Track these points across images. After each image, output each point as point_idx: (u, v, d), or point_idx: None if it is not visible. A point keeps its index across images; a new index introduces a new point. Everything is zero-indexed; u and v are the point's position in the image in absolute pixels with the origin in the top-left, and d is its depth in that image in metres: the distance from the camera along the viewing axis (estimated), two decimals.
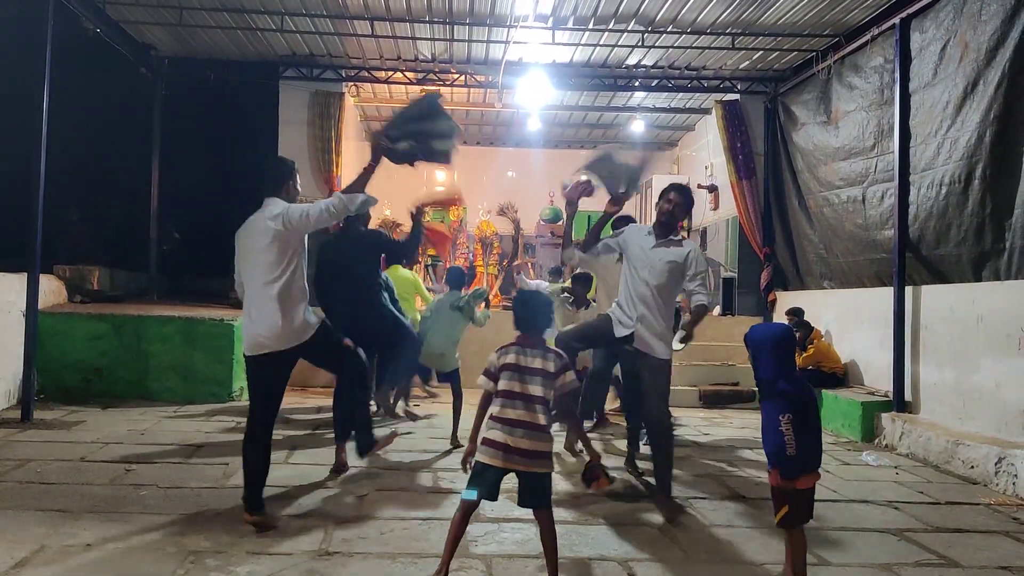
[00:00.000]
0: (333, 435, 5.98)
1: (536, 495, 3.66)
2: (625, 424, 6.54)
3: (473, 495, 3.62)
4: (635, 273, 5.28)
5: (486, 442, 3.62)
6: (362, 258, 6.51)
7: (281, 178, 4.94)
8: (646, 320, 5.18)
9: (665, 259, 5.22)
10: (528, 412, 3.61)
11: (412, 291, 8.73)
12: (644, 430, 6.05)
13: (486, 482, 3.62)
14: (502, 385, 3.67)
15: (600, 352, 6.53)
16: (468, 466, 3.74)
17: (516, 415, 3.60)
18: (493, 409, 3.67)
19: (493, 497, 3.65)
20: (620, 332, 5.27)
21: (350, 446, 5.70)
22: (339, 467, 5.74)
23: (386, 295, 6.82)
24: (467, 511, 3.67)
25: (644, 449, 6.12)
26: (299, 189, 5.04)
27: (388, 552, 4.13)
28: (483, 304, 8.12)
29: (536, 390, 3.64)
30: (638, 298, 5.21)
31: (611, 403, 8.16)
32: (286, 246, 4.71)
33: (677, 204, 5.32)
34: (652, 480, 5.46)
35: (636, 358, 5.27)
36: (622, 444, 6.66)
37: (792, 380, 3.61)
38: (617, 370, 6.67)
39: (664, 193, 5.42)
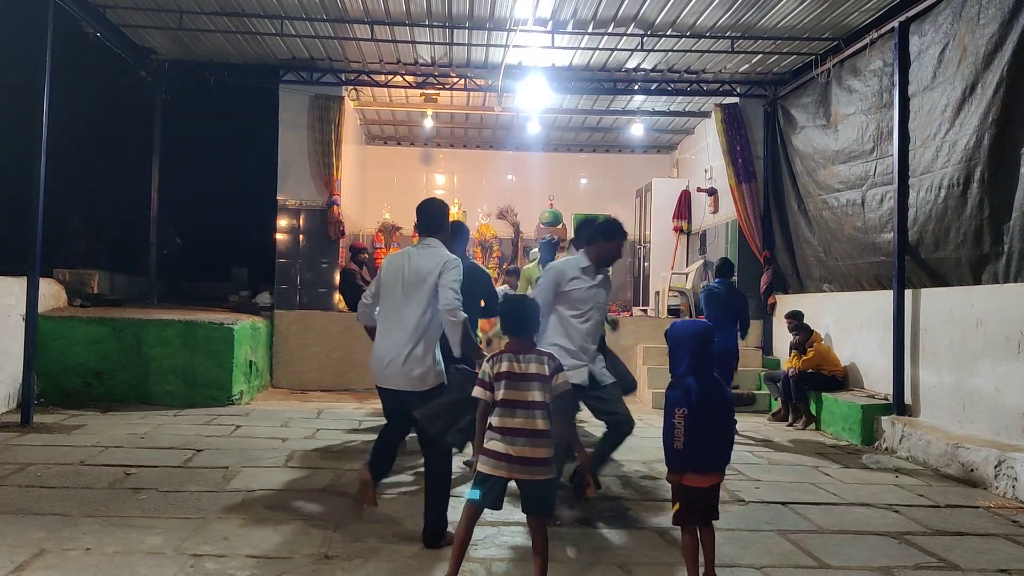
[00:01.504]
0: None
1: (540, 502, 3.63)
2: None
3: (476, 496, 3.61)
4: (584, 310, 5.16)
5: (487, 452, 3.58)
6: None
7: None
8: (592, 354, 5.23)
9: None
10: (528, 419, 3.57)
11: None
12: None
13: (490, 491, 3.60)
14: (500, 394, 3.63)
15: None
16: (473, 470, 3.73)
17: (516, 424, 3.57)
18: (493, 419, 3.63)
19: (497, 506, 3.63)
20: (580, 379, 5.02)
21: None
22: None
23: None
24: (472, 515, 3.65)
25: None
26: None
27: (387, 555, 4.12)
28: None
29: (535, 396, 3.61)
30: (590, 336, 5.16)
31: None
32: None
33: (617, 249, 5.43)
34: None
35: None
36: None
37: (703, 379, 3.62)
38: None
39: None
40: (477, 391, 3.66)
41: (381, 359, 4.48)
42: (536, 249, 9.94)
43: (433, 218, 4.84)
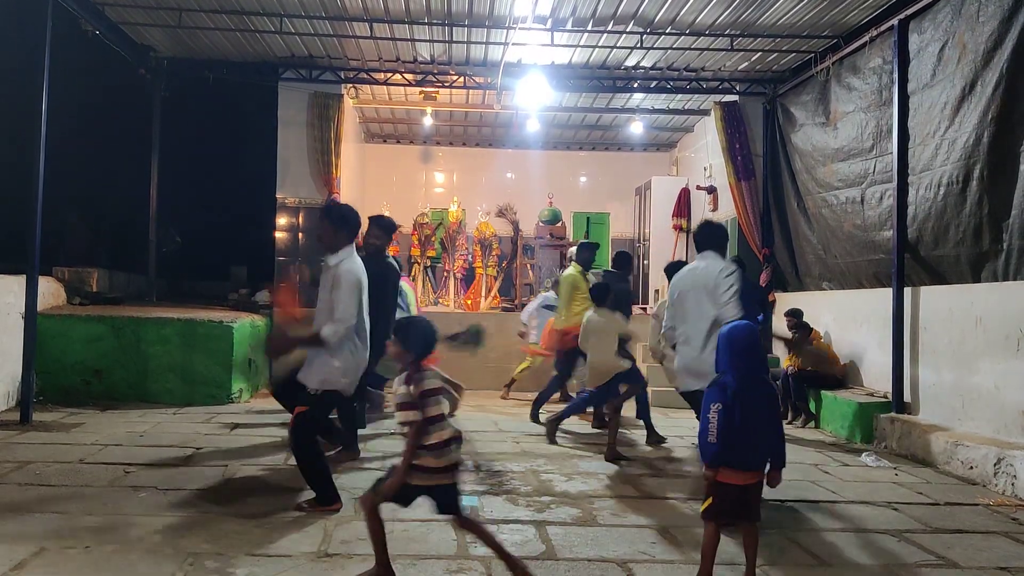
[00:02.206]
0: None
1: (456, 504, 3.75)
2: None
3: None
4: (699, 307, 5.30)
5: (418, 468, 3.63)
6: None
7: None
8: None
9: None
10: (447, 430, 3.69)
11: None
12: None
13: (403, 496, 3.70)
14: (432, 411, 3.63)
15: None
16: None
17: (443, 436, 3.65)
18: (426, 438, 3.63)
19: (405, 505, 3.74)
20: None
21: None
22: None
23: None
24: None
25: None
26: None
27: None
28: None
29: (446, 408, 3.75)
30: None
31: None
32: None
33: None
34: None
35: None
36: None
37: (743, 377, 3.64)
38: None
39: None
40: (409, 415, 3.62)
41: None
42: (573, 249, 9.93)
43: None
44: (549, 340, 9.70)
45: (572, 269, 8.52)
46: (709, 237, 5.55)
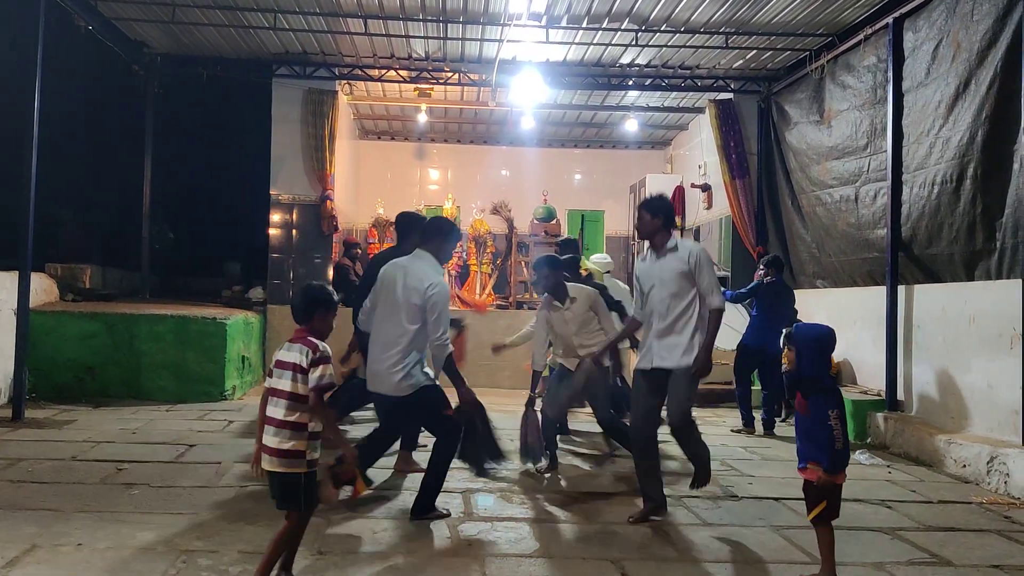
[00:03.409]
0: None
1: (286, 498, 3.51)
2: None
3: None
4: (648, 295, 5.11)
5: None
6: None
7: (434, 236, 5.14)
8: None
9: (669, 268, 5.02)
10: (274, 409, 3.47)
11: None
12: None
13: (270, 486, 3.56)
14: (268, 383, 3.54)
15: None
16: (255, 471, 3.55)
17: (270, 413, 3.48)
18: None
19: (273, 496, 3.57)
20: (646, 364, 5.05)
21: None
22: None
23: None
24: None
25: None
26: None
27: (381, 552, 4.12)
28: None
29: (284, 385, 3.48)
30: (656, 316, 5.04)
31: None
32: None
33: (642, 219, 5.21)
34: None
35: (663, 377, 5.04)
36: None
37: (830, 378, 3.86)
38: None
39: (638, 211, 5.34)
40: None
41: (370, 365, 4.89)
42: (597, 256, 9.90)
43: (416, 227, 5.35)
44: None
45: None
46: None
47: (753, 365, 8.45)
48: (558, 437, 6.75)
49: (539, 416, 6.27)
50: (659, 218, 5.13)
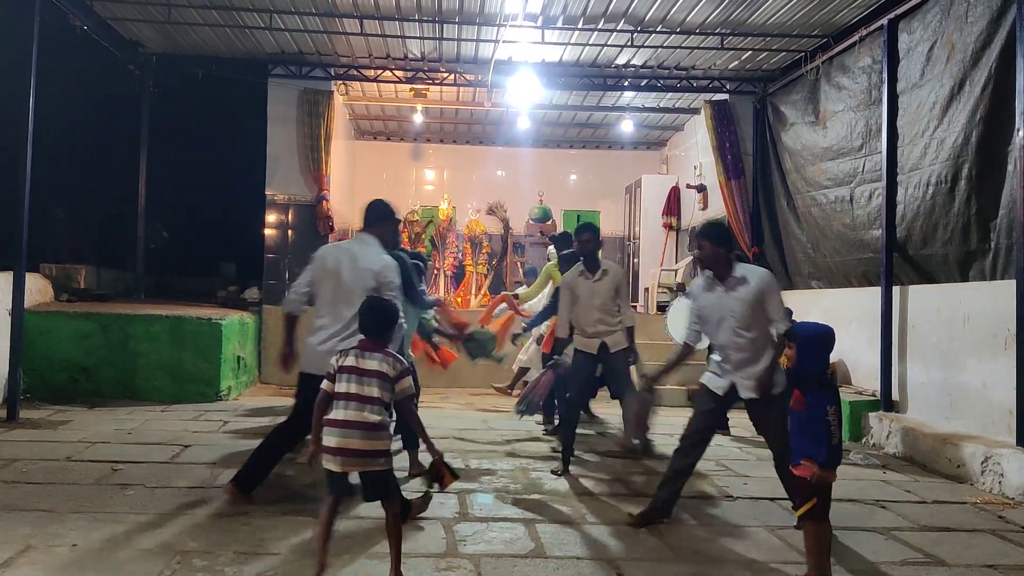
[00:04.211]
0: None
1: (377, 491, 3.73)
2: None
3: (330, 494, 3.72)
4: (719, 327, 4.94)
5: (324, 449, 3.64)
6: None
7: (377, 220, 5.27)
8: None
9: (740, 300, 4.89)
10: (359, 413, 3.62)
11: None
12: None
13: (334, 484, 3.68)
14: (339, 388, 3.67)
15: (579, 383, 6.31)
16: (311, 464, 3.77)
17: (347, 416, 3.61)
18: (332, 413, 3.66)
19: (343, 492, 3.72)
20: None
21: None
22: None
23: None
24: (330, 508, 3.72)
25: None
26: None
27: (376, 552, 4.12)
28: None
29: (372, 392, 3.65)
30: (732, 348, 4.89)
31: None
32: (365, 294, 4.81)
33: (703, 249, 5.11)
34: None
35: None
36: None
37: (828, 377, 3.88)
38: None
39: (697, 239, 5.23)
40: (324, 383, 3.72)
41: (313, 348, 4.86)
42: (552, 248, 9.88)
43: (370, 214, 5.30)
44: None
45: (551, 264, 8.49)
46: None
47: None
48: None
49: (552, 378, 6.42)
50: (722, 247, 5.04)
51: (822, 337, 3.90)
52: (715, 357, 5.00)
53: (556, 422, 7.56)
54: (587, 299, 6.15)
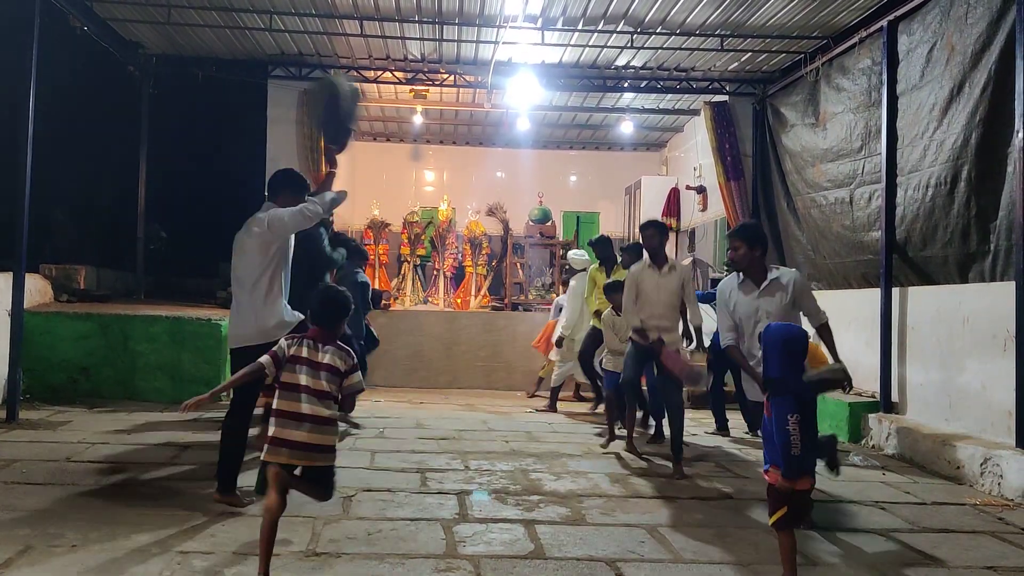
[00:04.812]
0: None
1: (317, 487, 3.75)
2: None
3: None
4: (755, 328, 4.98)
5: (271, 440, 3.63)
6: None
7: (279, 187, 5.37)
8: None
9: (775, 303, 4.97)
10: (311, 406, 3.62)
11: None
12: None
13: (264, 481, 3.66)
14: (289, 377, 3.66)
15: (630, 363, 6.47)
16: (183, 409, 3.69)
17: (299, 408, 3.61)
18: (282, 403, 3.65)
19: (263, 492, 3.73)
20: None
21: None
22: None
23: None
24: (268, 510, 3.62)
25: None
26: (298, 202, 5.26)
27: (375, 553, 4.12)
28: None
29: (322, 385, 3.66)
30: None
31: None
32: (267, 248, 5.03)
33: (738, 250, 5.11)
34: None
35: None
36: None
37: (798, 381, 3.69)
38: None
39: (731, 240, 5.27)
40: (265, 359, 3.70)
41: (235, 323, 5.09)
42: (572, 252, 10.39)
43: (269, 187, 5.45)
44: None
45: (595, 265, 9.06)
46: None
47: (725, 367, 8.39)
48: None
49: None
50: (757, 248, 5.02)
51: (789, 341, 3.75)
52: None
53: (652, 430, 7.81)
54: (652, 292, 6.22)
